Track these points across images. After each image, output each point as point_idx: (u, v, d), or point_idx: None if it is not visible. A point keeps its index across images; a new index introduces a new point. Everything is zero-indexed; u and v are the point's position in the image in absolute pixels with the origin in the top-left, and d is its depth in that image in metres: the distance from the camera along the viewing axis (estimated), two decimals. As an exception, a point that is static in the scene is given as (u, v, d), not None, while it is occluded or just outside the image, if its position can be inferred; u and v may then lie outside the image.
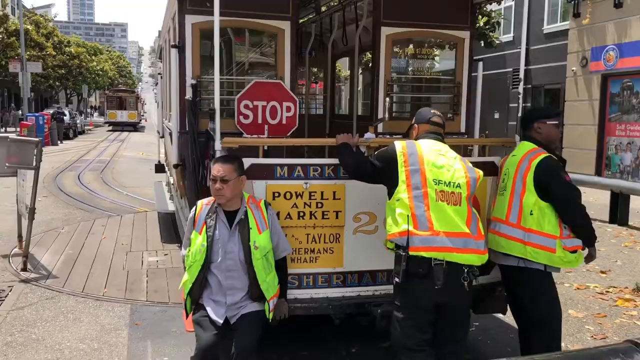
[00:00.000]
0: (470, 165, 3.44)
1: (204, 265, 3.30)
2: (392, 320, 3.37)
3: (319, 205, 4.15)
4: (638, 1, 13.87)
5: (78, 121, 33.79)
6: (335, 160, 4.14)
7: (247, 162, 4.08)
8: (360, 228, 4.21)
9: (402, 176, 3.25)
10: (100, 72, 50.26)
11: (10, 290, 5.71)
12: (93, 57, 47.75)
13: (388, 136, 5.06)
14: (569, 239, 3.56)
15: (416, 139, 3.51)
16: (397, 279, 3.25)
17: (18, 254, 7.05)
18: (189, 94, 4.80)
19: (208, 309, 3.37)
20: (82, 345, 4.48)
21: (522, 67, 4.64)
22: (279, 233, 3.55)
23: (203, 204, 3.48)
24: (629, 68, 14.34)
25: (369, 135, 4.60)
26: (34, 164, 6.29)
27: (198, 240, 3.35)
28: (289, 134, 5.02)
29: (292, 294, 4.05)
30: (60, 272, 6.42)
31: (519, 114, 4.22)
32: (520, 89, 4.53)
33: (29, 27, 30.30)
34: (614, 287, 6.27)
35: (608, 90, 14.99)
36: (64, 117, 28.65)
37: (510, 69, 21.72)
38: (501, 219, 3.70)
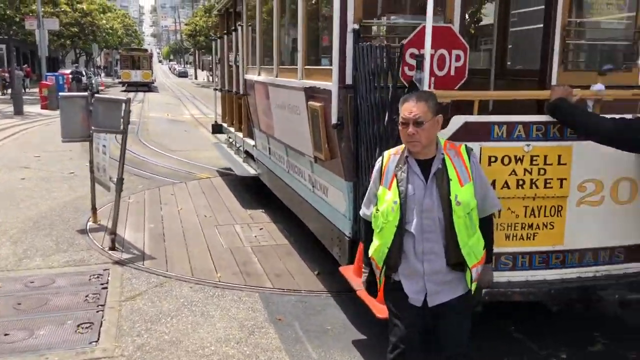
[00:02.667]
0: None
1: (399, 226, 2.62)
2: None
3: (542, 171, 3.43)
4: None
5: (93, 81, 32.73)
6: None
7: (460, 120, 3.32)
8: (585, 199, 3.51)
9: None
10: (111, 31, 48.74)
11: (108, 274, 4.89)
12: (102, 15, 46.27)
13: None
14: None
15: None
16: None
17: (95, 228, 6.27)
18: (350, 42, 3.91)
19: (404, 284, 2.68)
20: (231, 351, 3.64)
21: None
22: (486, 185, 2.79)
23: (390, 154, 2.77)
24: None
25: (599, 86, 3.68)
26: (122, 127, 5.39)
27: (388, 197, 2.65)
28: (456, 88, 4.12)
29: (505, 276, 3.46)
30: (154, 251, 5.60)
31: None
32: None
33: (40, -19, 28.92)
34: None
35: None
36: (82, 78, 27.64)
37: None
38: None
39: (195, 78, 65.59)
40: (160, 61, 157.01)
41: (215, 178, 9.55)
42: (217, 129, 10.66)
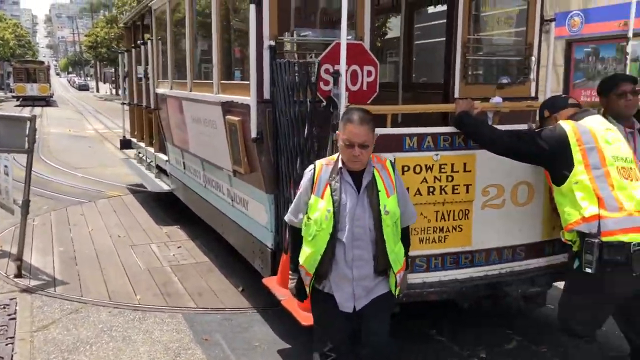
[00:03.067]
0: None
1: (332, 234, 2.76)
2: (564, 306, 3.17)
3: (450, 178, 3.70)
4: (603, -34, 13.81)
5: (-18, 96, 30.48)
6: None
7: (375, 132, 3.43)
8: (488, 202, 3.82)
9: (577, 156, 3.00)
10: (1, 42, 45.50)
11: (16, 304, 4.59)
12: (-10, 25, 43.24)
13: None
14: None
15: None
16: (588, 269, 2.89)
17: (-5, 256, 5.88)
18: (267, 58, 4.00)
19: (335, 292, 2.84)
20: (156, 373, 3.59)
21: None
22: (406, 197, 3.05)
23: (322, 165, 2.93)
24: (595, 34, 14.21)
25: (497, 99, 4.02)
26: (27, 146, 5.12)
27: (321, 205, 2.79)
28: (369, 102, 4.34)
29: (420, 277, 3.69)
30: (66, 276, 5.32)
31: None
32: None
33: None
34: None
35: (572, 56, 15.15)
36: (-31, 92, 25.58)
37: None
38: None
39: (97, 91, 62.71)
40: (58, 74, 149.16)
41: (126, 196, 9.22)
42: (125, 144, 10.32)
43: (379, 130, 3.55)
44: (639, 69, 13.69)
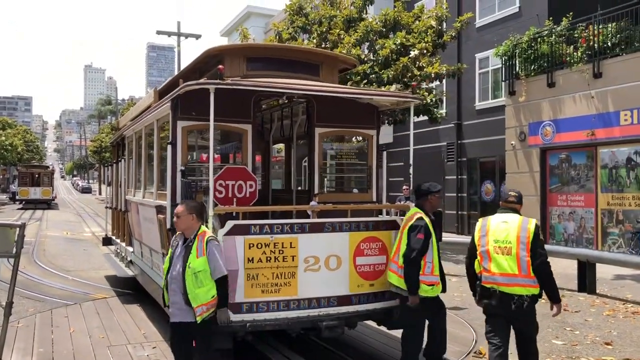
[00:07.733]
0: (526, 225, 5.48)
1: (167, 273, 5.38)
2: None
3: (281, 252, 6.40)
4: (569, 81, 16.40)
5: (-16, 200, 34.69)
6: (291, 220, 6.76)
7: (230, 223, 6.25)
8: (308, 267, 6.50)
9: (477, 240, 5.69)
10: (10, 147, 51.37)
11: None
12: (1, 132, 49.03)
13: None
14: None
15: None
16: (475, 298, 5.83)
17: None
18: (179, 178, 6.96)
19: (169, 307, 5.45)
20: None
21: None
22: (216, 261, 5.28)
23: (177, 233, 5.48)
24: (566, 142, 16.60)
25: (313, 203, 7.15)
26: (15, 251, 6.01)
27: (168, 254, 5.48)
28: (251, 204, 7.48)
29: (262, 316, 6.26)
30: (41, 376, 6.24)
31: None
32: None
33: None
34: (629, 359, 7.15)
35: (547, 162, 17.50)
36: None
37: (445, 143, 24.80)
38: None
39: (100, 193, 66.99)
40: (63, 176, 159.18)
41: (112, 298, 10.61)
42: (107, 241, 13.58)
43: (234, 222, 6.39)
44: (608, 175, 16.05)
